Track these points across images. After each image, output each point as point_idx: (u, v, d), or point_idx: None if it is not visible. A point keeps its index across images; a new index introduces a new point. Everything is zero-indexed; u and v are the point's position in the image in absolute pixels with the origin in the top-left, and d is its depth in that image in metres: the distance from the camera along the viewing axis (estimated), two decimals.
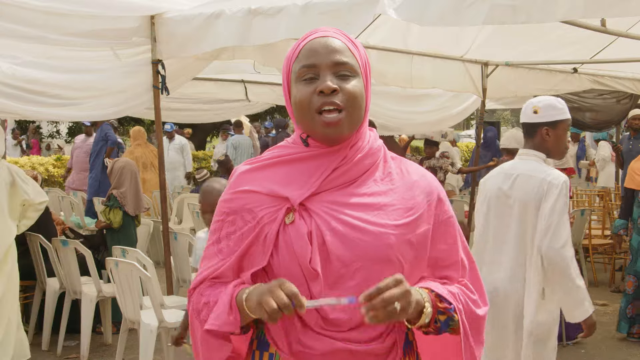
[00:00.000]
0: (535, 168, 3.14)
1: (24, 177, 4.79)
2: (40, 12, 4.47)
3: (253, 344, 1.66)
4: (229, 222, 1.63)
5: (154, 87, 5.16)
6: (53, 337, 5.43)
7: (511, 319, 3.19)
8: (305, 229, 1.55)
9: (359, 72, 1.60)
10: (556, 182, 3.04)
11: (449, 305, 1.57)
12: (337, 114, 1.54)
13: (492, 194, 3.24)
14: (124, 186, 5.86)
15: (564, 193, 3.04)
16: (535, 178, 3.09)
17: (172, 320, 4.44)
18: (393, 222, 1.57)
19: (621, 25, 5.34)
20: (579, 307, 3.05)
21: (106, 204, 5.83)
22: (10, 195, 4.62)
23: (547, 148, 3.19)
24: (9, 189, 4.61)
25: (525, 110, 3.27)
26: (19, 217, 4.76)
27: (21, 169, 5.13)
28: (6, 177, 4.60)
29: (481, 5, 3.46)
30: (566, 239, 3.03)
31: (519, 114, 3.43)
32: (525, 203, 3.11)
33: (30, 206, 4.80)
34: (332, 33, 1.61)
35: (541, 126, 3.17)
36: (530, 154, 3.21)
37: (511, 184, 3.17)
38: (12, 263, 4.60)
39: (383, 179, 1.63)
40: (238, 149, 11.97)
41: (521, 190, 3.13)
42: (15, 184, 4.64)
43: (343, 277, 1.53)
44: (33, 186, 4.84)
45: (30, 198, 4.74)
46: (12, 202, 4.64)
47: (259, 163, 1.66)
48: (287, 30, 4.21)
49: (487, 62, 6.97)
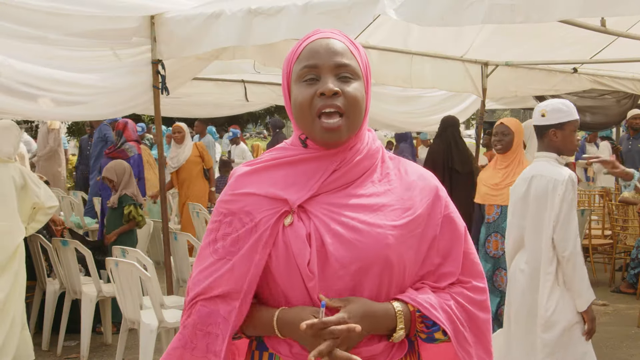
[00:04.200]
0: (546, 168, 3.39)
1: (36, 181, 4.86)
2: (41, 12, 4.47)
3: (252, 344, 1.66)
4: (226, 223, 1.62)
5: (154, 87, 5.17)
6: (53, 337, 5.43)
7: (528, 312, 3.41)
8: (304, 231, 1.54)
9: (360, 74, 1.59)
10: (561, 178, 3.28)
11: (427, 330, 1.58)
12: (337, 119, 1.54)
13: (515, 197, 3.51)
14: (132, 186, 5.90)
15: (570, 187, 3.26)
16: (545, 177, 3.34)
17: (172, 320, 4.45)
18: (391, 222, 1.56)
19: (621, 25, 5.34)
20: (579, 297, 3.29)
21: (130, 203, 5.80)
22: (22, 198, 4.69)
23: (557, 148, 3.43)
24: (20, 191, 4.68)
25: (534, 114, 3.54)
26: (28, 219, 4.80)
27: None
28: (18, 179, 4.67)
29: (480, 5, 3.47)
30: (574, 231, 3.27)
31: (519, 114, 3.53)
32: (539, 201, 3.35)
33: (40, 209, 4.86)
34: (333, 34, 1.61)
35: (549, 128, 3.42)
36: (541, 156, 3.47)
37: (528, 185, 3.43)
38: (20, 264, 4.64)
39: (381, 179, 1.62)
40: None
41: (535, 189, 3.37)
42: (27, 186, 4.71)
43: (341, 278, 1.53)
44: (45, 190, 4.90)
45: (41, 201, 4.80)
46: (23, 204, 4.70)
47: (257, 165, 1.65)
48: (287, 30, 4.22)
49: (487, 62, 6.98)
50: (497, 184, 4.54)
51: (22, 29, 4.48)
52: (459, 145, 6.15)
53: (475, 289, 1.65)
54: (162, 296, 4.61)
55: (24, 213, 4.73)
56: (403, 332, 1.56)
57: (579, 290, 3.28)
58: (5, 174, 4.60)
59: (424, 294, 1.59)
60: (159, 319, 4.40)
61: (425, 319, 1.57)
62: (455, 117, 6.76)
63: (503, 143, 4.50)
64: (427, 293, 1.60)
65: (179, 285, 5.89)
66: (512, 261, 3.54)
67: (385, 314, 1.54)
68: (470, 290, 1.64)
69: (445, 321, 1.57)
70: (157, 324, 4.40)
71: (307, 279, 1.53)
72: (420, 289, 1.61)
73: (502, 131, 4.51)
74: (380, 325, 1.54)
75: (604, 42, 6.33)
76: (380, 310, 1.54)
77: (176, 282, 5.84)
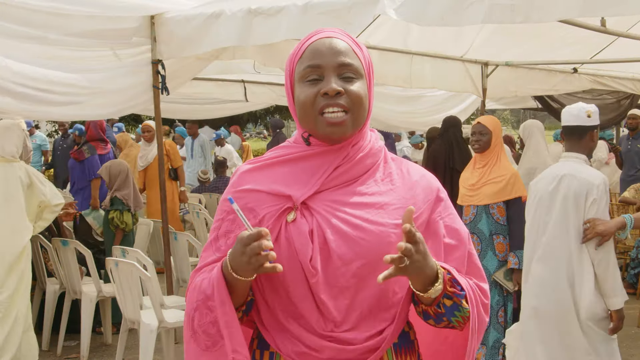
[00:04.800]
0: (577, 169, 3.46)
1: (42, 179, 4.88)
2: (41, 12, 4.47)
3: (253, 343, 1.66)
4: (230, 220, 1.63)
5: (154, 87, 5.17)
6: (53, 337, 5.44)
7: (559, 309, 3.47)
8: (307, 227, 1.55)
9: (363, 73, 1.60)
10: (597, 182, 3.37)
11: (459, 292, 1.55)
12: (341, 114, 1.54)
13: (541, 193, 3.55)
14: (126, 188, 5.87)
15: (603, 190, 3.37)
16: (578, 178, 3.40)
17: (172, 320, 4.45)
18: (394, 221, 1.57)
19: (621, 25, 5.35)
20: (613, 296, 3.38)
21: (115, 208, 5.81)
22: (28, 197, 4.71)
23: (590, 148, 3.55)
24: (27, 190, 4.70)
25: (577, 114, 3.53)
26: (35, 218, 4.81)
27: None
28: (24, 178, 4.68)
29: (480, 5, 3.48)
30: None
31: (519, 114, 3.55)
32: (570, 202, 3.40)
33: (47, 207, 4.88)
34: (336, 34, 1.61)
35: (592, 129, 3.51)
36: (571, 157, 3.52)
37: (557, 184, 3.47)
38: (26, 263, 4.65)
39: (383, 179, 1.63)
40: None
41: (566, 189, 3.42)
42: (33, 185, 4.73)
43: (343, 275, 1.54)
44: (50, 188, 4.91)
45: (47, 199, 4.82)
46: (29, 203, 4.72)
47: (260, 163, 1.66)
48: (287, 30, 4.22)
49: (487, 62, 6.98)
50: (474, 184, 4.43)
51: (22, 29, 4.48)
52: (460, 146, 6.13)
53: (482, 290, 1.64)
54: (162, 296, 4.61)
55: (30, 212, 4.75)
56: (441, 287, 1.52)
57: (613, 289, 3.36)
58: (11, 173, 4.63)
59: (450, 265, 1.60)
60: (159, 319, 4.40)
61: (455, 283, 1.55)
62: (457, 117, 6.75)
63: (481, 143, 4.38)
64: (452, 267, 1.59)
65: (179, 285, 5.89)
66: (534, 255, 3.57)
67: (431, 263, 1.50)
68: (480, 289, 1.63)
69: (468, 291, 1.56)
70: (157, 324, 4.40)
71: (310, 275, 1.53)
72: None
73: (479, 130, 4.38)
74: (427, 266, 1.48)
75: (604, 42, 6.33)
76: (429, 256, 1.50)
77: (176, 282, 5.84)
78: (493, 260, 4.31)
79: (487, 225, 4.31)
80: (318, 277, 1.53)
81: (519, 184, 4.34)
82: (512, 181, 4.30)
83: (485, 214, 4.33)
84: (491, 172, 4.36)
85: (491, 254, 4.32)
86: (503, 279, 4.28)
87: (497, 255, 4.31)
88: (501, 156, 4.43)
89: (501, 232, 4.32)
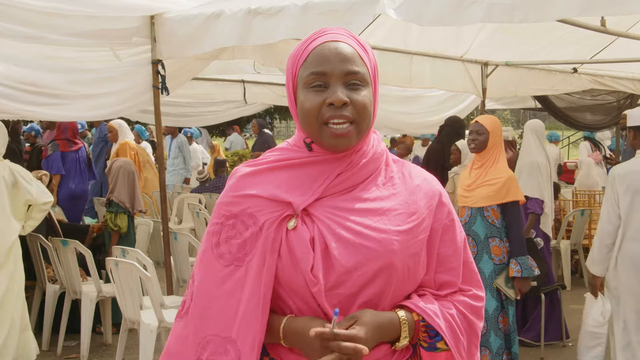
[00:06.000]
0: None
1: (27, 178, 4.80)
2: (40, 12, 4.47)
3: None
4: (229, 225, 1.57)
5: (154, 87, 5.17)
6: (53, 337, 5.44)
7: None
8: (308, 235, 1.51)
9: (369, 80, 1.55)
10: None
11: (430, 340, 1.57)
12: (347, 125, 1.51)
13: (636, 186, 3.93)
14: (120, 189, 5.83)
15: None
16: None
17: (172, 320, 4.44)
18: (396, 227, 1.54)
19: (621, 25, 5.35)
20: None
21: (110, 210, 5.81)
22: (13, 196, 4.65)
23: None
24: (11, 189, 4.63)
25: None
26: (25, 217, 4.78)
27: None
28: (8, 177, 4.62)
29: (480, 4, 3.48)
30: None
31: (519, 114, 3.54)
32: None
33: (35, 207, 4.81)
34: (342, 36, 1.55)
35: None
36: None
37: None
38: (15, 264, 4.60)
39: (385, 183, 1.60)
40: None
41: None
42: (18, 184, 4.66)
43: (345, 283, 1.50)
44: (37, 186, 4.84)
45: (33, 198, 4.74)
46: (15, 202, 4.66)
47: (260, 166, 1.61)
48: (287, 30, 4.22)
49: (487, 62, 6.98)
50: (469, 185, 4.32)
51: (22, 29, 4.48)
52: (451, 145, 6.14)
53: (476, 297, 1.64)
54: (162, 296, 4.61)
55: (18, 211, 4.69)
56: (407, 341, 1.55)
57: None
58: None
59: (428, 302, 1.58)
60: (159, 319, 4.40)
61: (428, 328, 1.56)
62: (458, 117, 6.75)
63: (477, 142, 4.25)
64: (431, 302, 1.58)
65: (179, 285, 5.88)
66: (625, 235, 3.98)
67: (390, 323, 1.53)
68: (472, 298, 1.63)
69: (446, 330, 1.56)
70: (157, 324, 4.40)
71: (311, 284, 1.49)
72: (423, 296, 1.59)
73: (476, 130, 4.26)
74: (385, 336, 1.53)
75: (604, 42, 6.33)
76: (385, 320, 1.52)
77: (176, 282, 5.83)
78: (489, 264, 4.21)
79: (483, 228, 4.22)
80: (319, 285, 1.49)
81: (515, 188, 4.21)
82: (508, 184, 4.18)
83: (480, 217, 4.23)
84: (487, 173, 4.25)
85: (487, 257, 4.22)
86: (504, 287, 4.19)
87: (492, 259, 4.21)
88: (499, 158, 4.30)
89: (497, 235, 4.22)
